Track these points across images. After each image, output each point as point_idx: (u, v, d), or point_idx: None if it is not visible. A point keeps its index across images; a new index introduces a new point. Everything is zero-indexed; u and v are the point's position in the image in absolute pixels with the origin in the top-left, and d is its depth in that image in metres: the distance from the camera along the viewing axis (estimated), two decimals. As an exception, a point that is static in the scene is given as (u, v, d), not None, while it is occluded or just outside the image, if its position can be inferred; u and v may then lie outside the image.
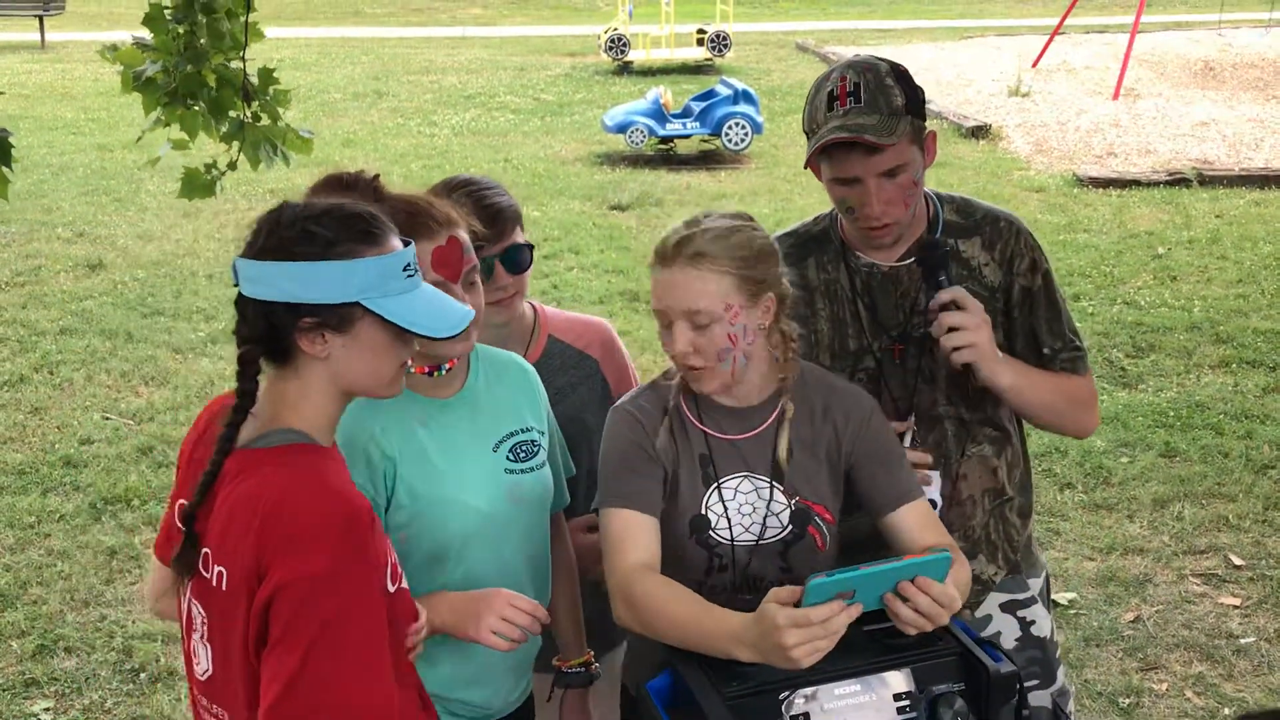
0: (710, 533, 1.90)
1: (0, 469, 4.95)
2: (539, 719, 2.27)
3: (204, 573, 1.57)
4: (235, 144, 3.20)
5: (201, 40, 3.00)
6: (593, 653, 2.23)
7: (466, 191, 2.16)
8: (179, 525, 1.60)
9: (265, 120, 3.22)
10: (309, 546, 1.46)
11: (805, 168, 2.11)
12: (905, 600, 1.62)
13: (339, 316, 1.54)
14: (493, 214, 2.13)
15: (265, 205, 1.65)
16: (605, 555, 1.84)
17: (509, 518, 1.98)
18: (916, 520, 1.88)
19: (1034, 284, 2.13)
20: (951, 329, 1.95)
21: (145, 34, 3.08)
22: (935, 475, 2.09)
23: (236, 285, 1.57)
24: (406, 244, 1.61)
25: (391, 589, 1.59)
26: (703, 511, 1.90)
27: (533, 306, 2.34)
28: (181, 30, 3.00)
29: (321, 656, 1.45)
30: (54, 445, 5.18)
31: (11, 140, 2.71)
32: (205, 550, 1.57)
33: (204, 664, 1.61)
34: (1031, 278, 2.13)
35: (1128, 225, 8.33)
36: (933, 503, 2.07)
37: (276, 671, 1.46)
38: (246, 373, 1.56)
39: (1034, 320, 2.13)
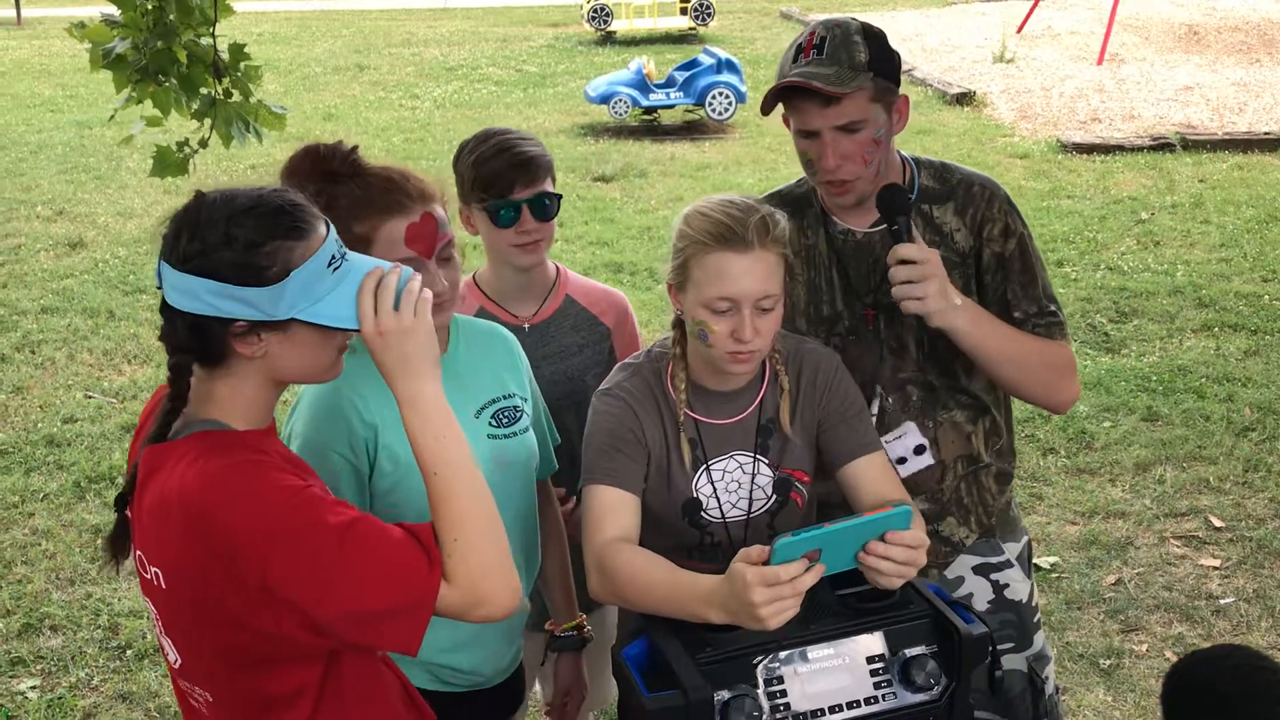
0: (702, 514, 1.94)
1: (-17, 449, 4.94)
2: (532, 682, 2.30)
3: (144, 572, 1.56)
4: (207, 121, 3.17)
5: (170, 16, 2.97)
6: (584, 616, 2.26)
7: (499, 141, 2.24)
8: (114, 509, 1.60)
9: (237, 97, 3.19)
10: (260, 509, 1.43)
11: (767, 113, 2.11)
12: (879, 557, 1.62)
13: (273, 320, 1.49)
14: (524, 161, 2.22)
15: (245, 182, 1.62)
16: (585, 530, 1.87)
17: (494, 483, 1.98)
18: (874, 471, 1.91)
19: (1006, 249, 2.12)
20: (905, 281, 1.94)
21: (114, 10, 3.05)
22: (911, 426, 2.11)
23: (160, 288, 1.51)
24: (329, 226, 1.55)
25: None
26: (694, 495, 1.93)
27: (556, 267, 2.42)
28: (150, 6, 2.97)
29: (353, 554, 1.43)
30: (37, 425, 5.16)
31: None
32: (139, 552, 1.57)
33: (173, 654, 1.61)
34: (1004, 243, 2.12)
35: (1111, 191, 8.33)
36: (917, 448, 2.11)
37: (338, 603, 1.44)
38: (180, 381, 1.52)
39: (1007, 286, 2.13)
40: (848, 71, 1.96)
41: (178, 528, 1.46)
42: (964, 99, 11.18)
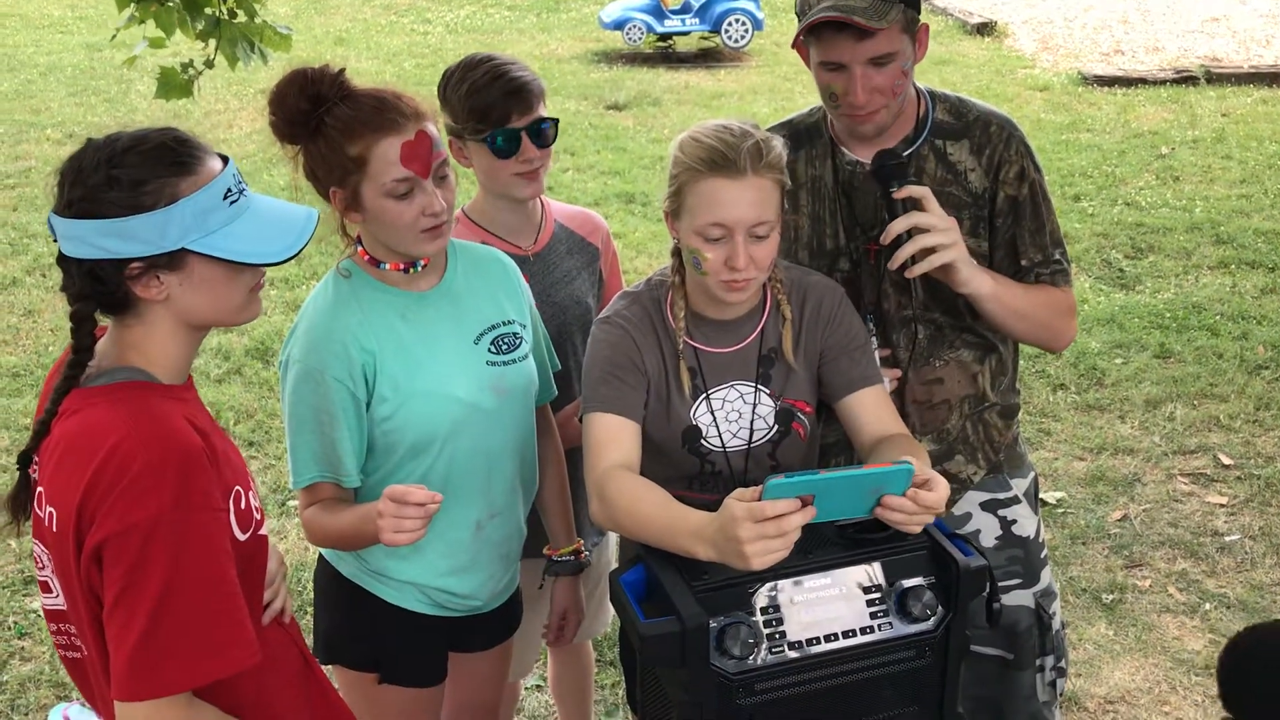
0: (702, 442, 1.93)
1: (-5, 372, 4.97)
2: (528, 607, 2.32)
3: (39, 511, 1.53)
4: (212, 42, 3.12)
5: (172, -69, 2.91)
6: (582, 541, 2.27)
7: (489, 68, 2.17)
8: (17, 466, 1.56)
9: (241, 17, 3.14)
10: (137, 493, 1.40)
11: (793, 47, 2.06)
12: (892, 510, 1.57)
13: (168, 257, 1.47)
14: (517, 88, 2.15)
15: (255, 105, 1.59)
16: (586, 457, 1.86)
17: (493, 409, 2.00)
18: (873, 404, 1.89)
19: (1020, 194, 2.07)
20: (920, 231, 1.88)
21: (115, -75, 2.99)
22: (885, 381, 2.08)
23: (56, 241, 1.49)
24: (225, 161, 1.52)
25: (243, 537, 1.53)
26: (693, 422, 1.92)
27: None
28: (152, -80, 2.91)
29: (168, 614, 1.40)
30: (47, 347, 5.18)
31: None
32: (40, 490, 1.53)
33: (61, 596, 1.56)
34: (1018, 187, 2.06)
35: (1132, 125, 8.20)
36: None
37: (124, 631, 1.40)
38: (82, 329, 1.50)
39: (1016, 230, 2.08)
40: (882, 4, 1.90)
41: (84, 472, 1.43)
42: (985, 29, 10.98)
